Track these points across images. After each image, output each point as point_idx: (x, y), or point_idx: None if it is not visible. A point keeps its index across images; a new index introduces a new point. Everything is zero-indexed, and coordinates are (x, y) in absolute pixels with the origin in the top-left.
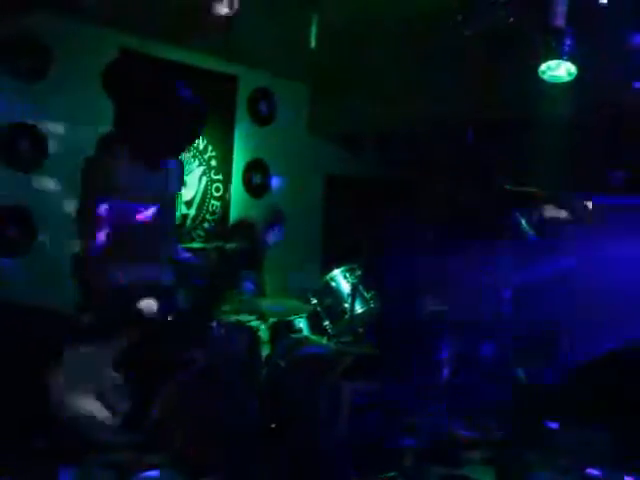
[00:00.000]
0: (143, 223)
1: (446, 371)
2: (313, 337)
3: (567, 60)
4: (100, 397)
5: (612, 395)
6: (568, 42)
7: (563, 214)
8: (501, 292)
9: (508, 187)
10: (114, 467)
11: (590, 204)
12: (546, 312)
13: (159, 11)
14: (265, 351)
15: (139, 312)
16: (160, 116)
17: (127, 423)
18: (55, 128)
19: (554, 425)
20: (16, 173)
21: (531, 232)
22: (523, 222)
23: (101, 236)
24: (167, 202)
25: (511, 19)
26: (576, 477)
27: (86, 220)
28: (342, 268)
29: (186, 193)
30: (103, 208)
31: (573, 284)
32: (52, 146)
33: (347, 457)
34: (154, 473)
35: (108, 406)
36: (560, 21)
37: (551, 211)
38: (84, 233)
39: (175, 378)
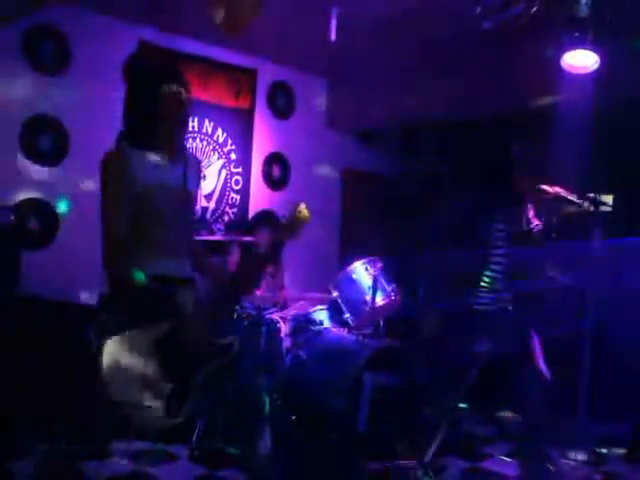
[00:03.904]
0: (163, 216)
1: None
2: (334, 329)
3: (590, 50)
4: (146, 381)
5: None
6: (591, 32)
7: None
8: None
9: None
10: (132, 457)
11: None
12: None
13: (179, 3)
14: (286, 343)
15: (167, 302)
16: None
17: (171, 408)
18: (76, 120)
19: None
20: (37, 165)
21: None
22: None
23: (122, 229)
24: (186, 196)
25: (533, 10)
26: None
27: (107, 214)
28: (363, 260)
29: (206, 186)
30: (123, 201)
31: None
32: (73, 139)
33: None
34: (173, 464)
35: (155, 392)
36: (584, 11)
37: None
38: (106, 227)
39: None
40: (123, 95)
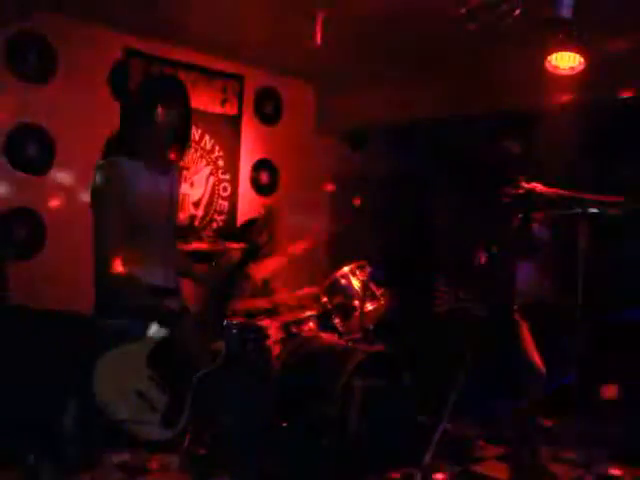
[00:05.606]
0: (155, 226)
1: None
2: (323, 335)
3: (574, 52)
4: (141, 395)
5: None
6: (575, 33)
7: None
8: None
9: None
10: (124, 469)
11: None
12: None
13: (165, 10)
14: (276, 349)
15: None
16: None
17: (168, 419)
18: (62, 129)
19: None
20: (25, 175)
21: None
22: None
23: (118, 239)
24: (173, 205)
25: (518, 11)
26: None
27: (103, 224)
28: (352, 265)
29: (194, 193)
30: (118, 212)
31: None
32: (60, 148)
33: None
34: (164, 474)
35: (150, 404)
36: (567, 12)
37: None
38: (100, 237)
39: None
40: (106, 102)
